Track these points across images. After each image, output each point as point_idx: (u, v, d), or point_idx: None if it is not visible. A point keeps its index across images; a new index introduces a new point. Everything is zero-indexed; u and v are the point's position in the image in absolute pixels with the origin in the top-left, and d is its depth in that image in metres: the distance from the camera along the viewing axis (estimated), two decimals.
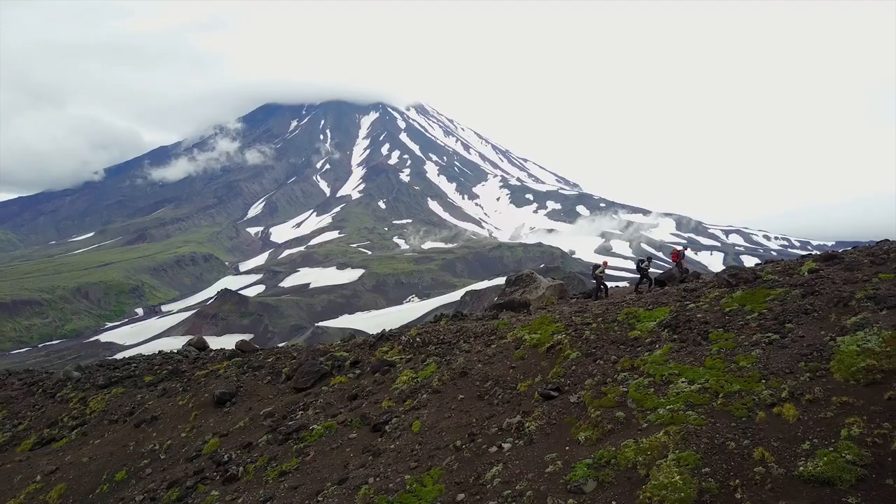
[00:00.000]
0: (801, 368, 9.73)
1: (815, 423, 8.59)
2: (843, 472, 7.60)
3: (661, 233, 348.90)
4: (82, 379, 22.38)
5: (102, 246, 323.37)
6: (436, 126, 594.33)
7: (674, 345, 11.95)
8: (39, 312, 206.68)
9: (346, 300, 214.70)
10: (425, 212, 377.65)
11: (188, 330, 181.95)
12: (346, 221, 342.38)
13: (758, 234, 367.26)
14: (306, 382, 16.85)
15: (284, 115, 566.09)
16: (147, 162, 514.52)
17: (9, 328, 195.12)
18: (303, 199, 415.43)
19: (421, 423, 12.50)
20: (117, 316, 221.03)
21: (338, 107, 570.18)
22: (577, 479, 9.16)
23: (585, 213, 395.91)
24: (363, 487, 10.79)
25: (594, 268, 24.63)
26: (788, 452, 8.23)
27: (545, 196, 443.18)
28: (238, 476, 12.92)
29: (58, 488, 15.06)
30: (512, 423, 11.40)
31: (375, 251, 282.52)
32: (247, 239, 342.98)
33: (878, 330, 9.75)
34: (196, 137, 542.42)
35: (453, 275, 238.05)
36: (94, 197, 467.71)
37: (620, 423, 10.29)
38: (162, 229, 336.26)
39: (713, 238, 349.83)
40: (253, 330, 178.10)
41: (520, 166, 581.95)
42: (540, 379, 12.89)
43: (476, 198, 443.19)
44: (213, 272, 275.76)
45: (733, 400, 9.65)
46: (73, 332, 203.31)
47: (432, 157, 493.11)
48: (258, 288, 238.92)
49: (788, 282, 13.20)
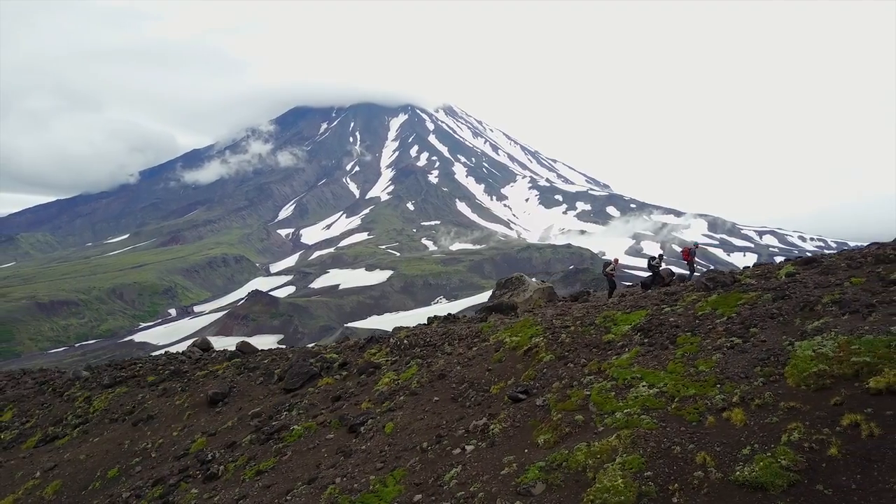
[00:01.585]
0: (757, 373, 9.71)
1: (760, 428, 8.58)
2: (777, 477, 7.61)
3: (693, 234, 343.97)
4: (90, 378, 23.04)
5: (137, 247, 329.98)
6: (464, 127, 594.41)
7: (642, 348, 11.97)
8: (76, 312, 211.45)
9: (375, 301, 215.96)
10: (453, 213, 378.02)
11: (219, 330, 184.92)
12: (375, 223, 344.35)
13: (792, 235, 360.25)
14: (295, 384, 17.18)
15: (314, 118, 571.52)
16: (180, 165, 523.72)
17: (47, 328, 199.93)
18: (332, 201, 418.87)
19: (394, 425, 12.71)
20: (151, 316, 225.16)
21: (367, 109, 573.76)
22: (527, 482, 9.28)
23: (616, 214, 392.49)
24: (330, 487, 11.04)
25: (604, 265, 24.45)
26: (729, 457, 8.25)
27: (574, 197, 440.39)
28: (218, 475, 13.27)
29: (54, 484, 15.61)
30: (478, 426, 11.53)
31: (404, 253, 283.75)
32: (277, 240, 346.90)
33: (834, 335, 9.69)
34: (228, 140, 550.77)
35: (481, 276, 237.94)
36: (129, 199, 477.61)
37: (579, 426, 10.37)
38: (194, 231, 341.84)
39: (746, 239, 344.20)
40: (283, 330, 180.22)
41: (549, 167, 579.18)
42: (513, 381, 13.00)
43: (505, 199, 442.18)
44: (244, 273, 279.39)
45: (687, 404, 9.67)
46: (108, 332, 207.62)
47: (461, 159, 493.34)
48: (288, 289, 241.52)
49: (764, 286, 13.09)
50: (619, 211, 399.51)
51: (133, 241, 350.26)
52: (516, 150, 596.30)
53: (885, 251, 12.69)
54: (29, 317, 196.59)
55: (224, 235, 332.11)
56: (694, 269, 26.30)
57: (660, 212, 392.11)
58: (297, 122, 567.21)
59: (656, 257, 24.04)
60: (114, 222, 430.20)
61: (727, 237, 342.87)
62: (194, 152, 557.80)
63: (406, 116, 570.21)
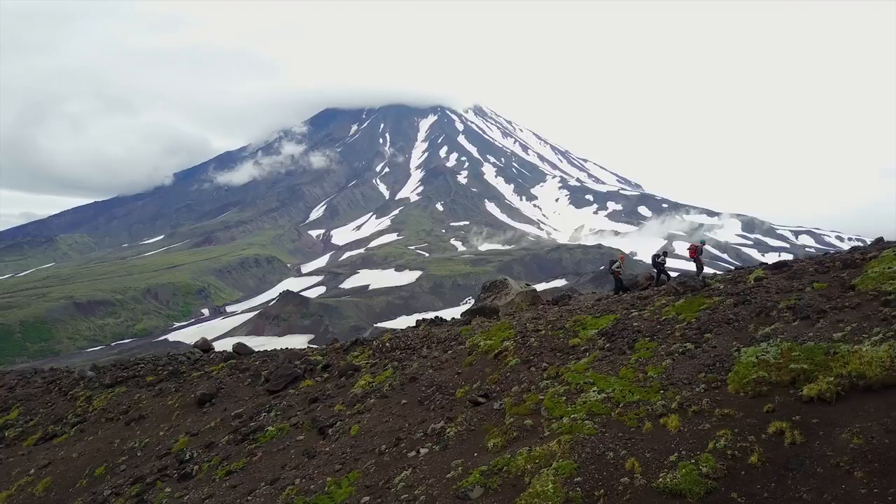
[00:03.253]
0: (700, 379, 9.69)
1: (692, 434, 8.58)
2: (695, 484, 7.62)
3: (727, 234, 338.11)
4: (94, 378, 23.69)
5: (171, 248, 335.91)
6: (494, 128, 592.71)
7: (601, 353, 11.98)
8: (112, 312, 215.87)
9: (404, 301, 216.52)
10: (482, 214, 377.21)
11: (251, 330, 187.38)
12: (404, 224, 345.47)
13: (830, 235, 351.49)
14: (278, 385, 17.49)
15: (345, 120, 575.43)
16: (213, 166, 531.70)
17: (84, 327, 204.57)
18: (363, 203, 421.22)
19: (359, 427, 12.91)
20: (184, 316, 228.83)
21: (397, 110, 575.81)
22: (467, 486, 9.40)
23: (647, 214, 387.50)
24: (288, 488, 11.28)
25: (610, 263, 24.19)
26: (656, 464, 8.27)
27: (605, 197, 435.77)
28: (193, 474, 13.61)
29: (44, 482, 16.14)
30: (435, 429, 11.67)
31: (433, 253, 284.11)
32: (308, 241, 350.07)
33: (779, 342, 9.61)
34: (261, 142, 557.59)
35: (510, 277, 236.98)
36: (163, 201, 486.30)
37: (527, 430, 10.45)
38: (227, 232, 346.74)
39: (782, 239, 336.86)
40: (313, 330, 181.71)
41: (579, 167, 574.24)
42: (478, 385, 13.10)
43: (534, 199, 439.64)
44: (275, 274, 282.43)
45: (630, 410, 9.69)
46: (143, 332, 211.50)
47: (490, 159, 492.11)
48: (319, 289, 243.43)
49: (729, 290, 12.98)
50: (650, 211, 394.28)
51: (167, 242, 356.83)
52: (546, 150, 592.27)
53: (853, 256, 12.48)
54: (67, 316, 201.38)
55: (256, 236, 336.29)
56: (702, 268, 25.60)
57: (694, 211, 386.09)
58: (327, 124, 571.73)
59: (661, 254, 23.70)
60: (149, 223, 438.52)
61: (762, 237, 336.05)
62: (227, 154, 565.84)
63: (435, 117, 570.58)
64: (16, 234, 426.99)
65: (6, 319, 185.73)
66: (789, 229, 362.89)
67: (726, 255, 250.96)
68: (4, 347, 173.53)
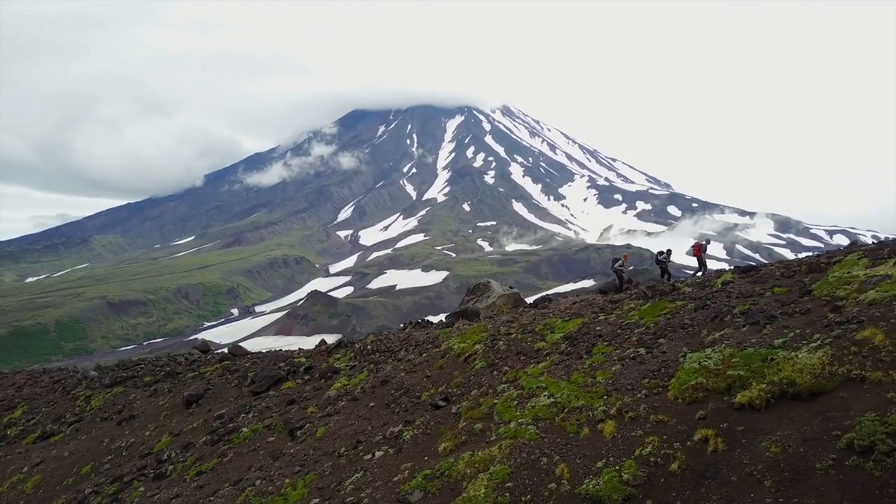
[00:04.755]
0: (644, 385, 9.65)
1: (624, 440, 8.57)
2: (614, 491, 7.62)
3: (758, 233, 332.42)
4: (95, 378, 24.28)
5: (202, 249, 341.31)
6: (521, 127, 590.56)
7: (559, 357, 11.97)
8: (144, 312, 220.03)
9: (431, 301, 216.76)
10: (510, 214, 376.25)
11: (280, 330, 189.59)
12: (431, 224, 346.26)
13: (866, 235, 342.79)
14: (261, 387, 17.74)
15: (373, 121, 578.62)
16: (242, 168, 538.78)
17: (117, 327, 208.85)
18: (390, 203, 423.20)
19: (325, 430, 13.07)
20: (214, 316, 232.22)
21: (424, 111, 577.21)
22: (408, 489, 9.48)
23: (677, 214, 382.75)
24: (248, 489, 11.49)
25: (613, 261, 24.12)
26: (584, 470, 8.28)
27: (634, 196, 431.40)
28: (167, 474, 13.90)
29: (34, 479, 16.61)
30: (393, 432, 11.77)
31: (460, 254, 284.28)
32: (336, 242, 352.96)
33: (723, 347, 9.53)
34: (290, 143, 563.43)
35: (537, 277, 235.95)
36: (194, 202, 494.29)
37: (476, 434, 10.50)
38: (256, 233, 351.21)
39: (816, 239, 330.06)
40: (341, 330, 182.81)
41: (608, 166, 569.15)
42: (444, 388, 13.17)
43: (562, 199, 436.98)
44: (303, 274, 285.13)
45: (573, 415, 9.69)
46: (174, 331, 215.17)
47: (517, 159, 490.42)
48: (347, 289, 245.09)
49: (693, 295, 12.85)
50: (680, 210, 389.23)
51: (198, 243, 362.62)
52: (574, 150, 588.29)
53: (819, 260, 12.27)
54: (101, 316, 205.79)
55: (285, 237, 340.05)
56: (705, 266, 25.22)
57: (726, 211, 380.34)
58: (356, 125, 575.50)
59: (665, 252, 23.57)
60: (180, 224, 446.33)
61: (795, 237, 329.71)
62: (256, 156, 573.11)
63: (462, 118, 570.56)
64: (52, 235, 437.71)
65: (42, 319, 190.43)
66: (824, 229, 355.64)
67: (758, 255, 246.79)
68: (40, 346, 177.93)
